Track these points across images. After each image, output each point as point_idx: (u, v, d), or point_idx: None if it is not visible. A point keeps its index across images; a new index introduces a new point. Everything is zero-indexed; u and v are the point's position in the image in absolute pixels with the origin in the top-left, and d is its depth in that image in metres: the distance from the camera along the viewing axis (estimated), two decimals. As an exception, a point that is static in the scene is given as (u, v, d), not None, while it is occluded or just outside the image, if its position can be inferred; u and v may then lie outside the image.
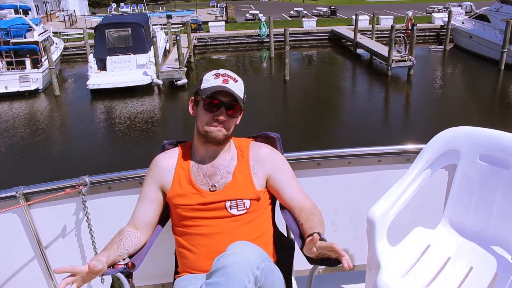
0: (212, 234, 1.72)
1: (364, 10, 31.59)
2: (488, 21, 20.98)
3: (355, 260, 2.42)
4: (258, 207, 1.78)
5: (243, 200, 1.75)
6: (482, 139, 1.98)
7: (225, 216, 1.73)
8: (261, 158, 1.84)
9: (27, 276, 2.27)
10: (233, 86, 1.73)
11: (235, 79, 1.77)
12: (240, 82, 1.77)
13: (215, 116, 1.72)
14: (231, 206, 1.73)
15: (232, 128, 1.79)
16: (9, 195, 2.07)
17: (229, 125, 1.76)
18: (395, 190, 1.93)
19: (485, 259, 1.91)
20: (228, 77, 1.75)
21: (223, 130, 1.73)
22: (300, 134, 11.87)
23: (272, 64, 22.67)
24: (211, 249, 1.69)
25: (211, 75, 1.75)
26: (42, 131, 14.00)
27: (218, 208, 1.73)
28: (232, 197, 1.74)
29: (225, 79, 1.74)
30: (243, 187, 1.76)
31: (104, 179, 2.15)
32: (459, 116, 13.28)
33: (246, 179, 1.78)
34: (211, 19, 32.53)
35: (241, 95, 1.75)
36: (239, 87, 1.75)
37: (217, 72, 1.77)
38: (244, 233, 1.71)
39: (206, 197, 1.74)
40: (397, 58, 18.39)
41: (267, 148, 1.90)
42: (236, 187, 1.76)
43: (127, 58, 17.89)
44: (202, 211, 1.74)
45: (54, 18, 38.59)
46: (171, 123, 14.93)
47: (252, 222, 1.75)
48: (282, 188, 1.82)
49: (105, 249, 1.63)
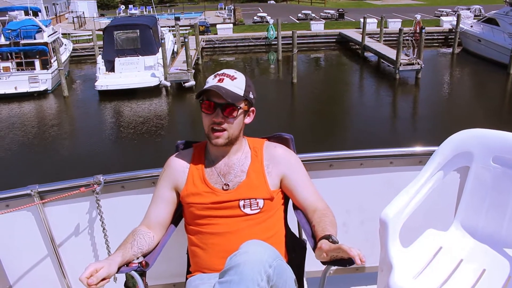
0: (225, 233, 1.72)
1: (372, 13, 31.56)
2: (497, 25, 20.86)
3: (367, 261, 2.42)
4: (271, 207, 1.78)
5: (257, 200, 1.74)
6: (495, 142, 1.97)
7: (238, 215, 1.73)
8: (276, 158, 1.83)
9: (40, 273, 2.30)
10: (228, 84, 1.68)
11: (233, 76, 1.71)
12: (239, 80, 1.71)
13: (212, 118, 1.69)
14: (245, 205, 1.73)
15: (238, 129, 1.75)
16: (24, 193, 2.10)
17: (230, 126, 1.71)
18: (408, 192, 1.93)
19: (498, 262, 1.90)
20: (224, 75, 1.71)
21: (224, 134, 1.70)
22: (308, 136, 11.85)
23: (279, 66, 22.68)
24: (224, 248, 1.69)
25: (212, 76, 1.73)
26: (51, 131, 14.11)
27: (232, 207, 1.73)
28: (246, 196, 1.74)
29: (221, 78, 1.70)
30: (257, 187, 1.76)
31: (118, 178, 2.17)
32: (467, 120, 13.20)
33: (260, 178, 1.77)
34: (219, 21, 32.62)
35: (239, 92, 1.69)
36: (236, 84, 1.70)
37: (217, 72, 1.74)
38: (256, 233, 1.71)
39: (220, 196, 1.74)
40: (405, 62, 18.33)
41: (282, 148, 1.88)
42: (249, 186, 1.75)
43: (135, 59, 17.97)
44: (216, 210, 1.74)
45: (63, 20, 38.89)
46: (179, 125, 14.98)
47: (265, 222, 1.76)
48: (296, 189, 1.82)
49: (119, 249, 1.64)
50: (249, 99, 1.73)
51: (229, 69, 1.77)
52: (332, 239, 1.53)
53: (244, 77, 1.75)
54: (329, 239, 1.53)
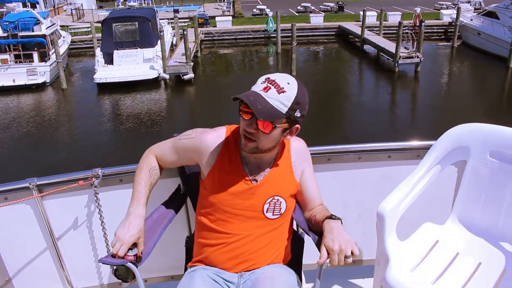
0: (239, 234, 1.70)
1: (371, 6, 31.46)
2: (497, 18, 20.80)
3: (364, 255, 2.44)
4: (290, 208, 1.77)
5: (280, 199, 1.72)
6: (493, 136, 1.98)
7: (259, 218, 1.71)
8: (300, 153, 1.80)
9: (39, 266, 2.31)
10: (272, 95, 1.51)
11: (282, 88, 1.52)
12: (287, 94, 1.51)
13: (246, 126, 1.58)
14: (268, 209, 1.71)
15: (271, 143, 1.63)
16: (23, 186, 2.10)
17: (262, 140, 1.59)
18: (405, 186, 1.95)
19: (493, 255, 1.92)
20: (273, 84, 1.53)
21: (253, 144, 1.60)
22: (307, 129, 11.80)
23: (279, 59, 22.63)
24: (235, 249, 1.69)
25: (263, 78, 1.57)
26: (49, 124, 14.09)
27: (255, 209, 1.71)
28: (272, 193, 1.71)
29: (267, 87, 1.52)
30: (284, 183, 1.74)
31: (116, 172, 2.18)
32: (466, 113, 13.22)
33: (287, 174, 1.76)
34: (218, 13, 32.47)
35: (281, 108, 1.52)
36: (281, 99, 1.51)
37: (270, 76, 1.56)
38: (269, 241, 1.72)
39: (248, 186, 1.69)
40: (405, 55, 18.31)
41: (302, 142, 1.85)
42: (276, 183, 1.72)
43: (134, 52, 17.91)
44: (239, 208, 1.70)
45: (61, 12, 38.69)
46: (178, 118, 14.97)
47: (280, 227, 1.76)
48: (308, 186, 1.81)
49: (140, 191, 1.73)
50: (293, 117, 1.56)
51: (285, 74, 1.58)
52: (334, 217, 1.62)
53: (297, 91, 1.54)
54: (331, 217, 1.61)
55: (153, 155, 1.83)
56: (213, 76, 19.86)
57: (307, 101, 1.58)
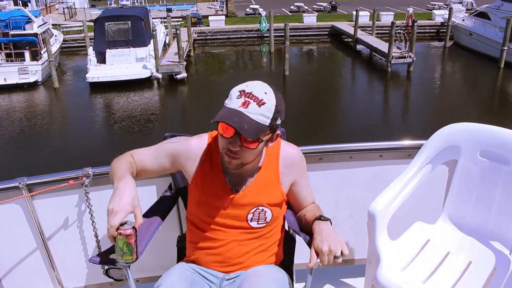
0: (224, 240, 1.67)
1: (364, 6, 31.52)
2: (489, 19, 20.93)
3: (355, 254, 2.45)
4: (276, 218, 1.74)
5: (265, 209, 1.67)
6: (483, 135, 1.99)
7: (243, 227, 1.68)
8: (293, 165, 1.73)
9: (29, 266, 2.29)
10: (253, 111, 1.44)
11: (261, 101, 1.45)
12: (268, 105, 1.45)
13: (228, 144, 1.51)
14: (252, 218, 1.67)
15: (255, 155, 1.59)
16: (12, 185, 2.08)
17: (247, 156, 1.54)
18: (396, 185, 1.95)
19: (483, 254, 1.93)
20: (251, 97, 1.44)
21: (238, 161, 1.55)
22: (299, 129, 11.86)
23: (272, 59, 22.63)
24: (221, 254, 1.68)
25: (237, 91, 1.48)
26: (41, 123, 14.00)
27: (239, 219, 1.67)
28: (256, 202, 1.66)
29: (246, 101, 1.44)
30: (269, 193, 1.68)
31: (107, 171, 2.15)
32: (458, 113, 13.30)
33: (273, 185, 1.69)
34: (211, 13, 32.39)
35: (265, 121, 1.46)
36: (263, 112, 1.45)
37: (244, 88, 1.47)
38: (258, 245, 1.71)
39: (230, 198, 1.65)
40: (397, 55, 18.38)
41: (296, 150, 1.76)
42: (261, 192, 1.67)
43: (127, 51, 17.82)
44: (222, 218, 1.66)
45: (53, 10, 38.40)
46: (170, 117, 14.93)
47: (268, 233, 1.73)
48: (301, 194, 1.78)
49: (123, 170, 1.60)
50: (275, 126, 1.50)
51: (258, 83, 1.51)
52: (323, 218, 1.60)
53: (275, 99, 1.49)
54: (321, 218, 1.60)
55: (130, 156, 1.72)
56: (206, 75, 19.82)
57: (283, 105, 1.53)
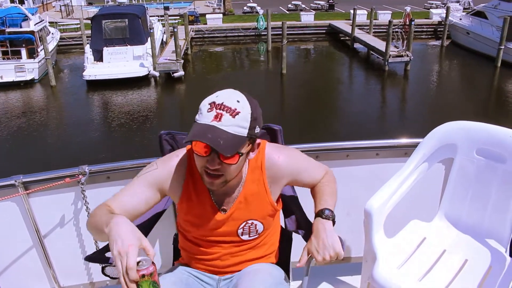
0: (218, 253, 1.63)
1: (362, 5, 31.50)
2: (486, 18, 20.97)
3: (352, 252, 2.45)
4: (269, 227, 1.68)
5: (255, 222, 1.59)
6: (479, 134, 2.00)
7: (235, 241, 1.62)
8: (278, 172, 1.58)
9: (26, 264, 2.28)
10: (228, 122, 1.31)
11: (235, 110, 1.32)
12: (243, 114, 1.33)
13: (206, 163, 1.38)
14: (243, 232, 1.60)
15: (238, 170, 1.46)
16: (8, 183, 2.07)
17: (229, 171, 1.41)
18: (392, 183, 1.96)
19: (479, 252, 1.94)
20: (223, 108, 1.32)
21: (220, 179, 1.42)
22: (297, 127, 11.87)
23: (269, 57, 22.59)
24: (214, 265, 1.65)
25: (207, 104, 1.35)
26: (37, 121, 13.94)
27: (230, 235, 1.60)
28: (245, 218, 1.58)
29: (218, 114, 1.31)
30: (258, 207, 1.58)
31: (103, 169, 2.16)
32: (455, 112, 13.33)
33: (261, 198, 1.58)
34: (209, 11, 32.34)
35: (242, 132, 1.34)
36: (239, 122, 1.33)
37: (214, 99, 1.34)
38: (252, 255, 1.68)
39: (218, 218, 1.56)
40: (394, 53, 18.38)
41: (283, 156, 1.60)
42: (249, 208, 1.57)
43: (124, 49, 17.77)
44: (213, 236, 1.60)
45: (50, 8, 38.27)
46: (168, 115, 14.90)
47: (261, 242, 1.68)
48: (303, 181, 1.69)
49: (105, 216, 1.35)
50: (254, 135, 1.39)
51: (229, 91, 1.39)
52: (325, 216, 1.57)
53: (249, 105, 1.36)
54: (322, 216, 1.57)
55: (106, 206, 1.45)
56: (203, 73, 19.78)
57: (260, 111, 1.41)
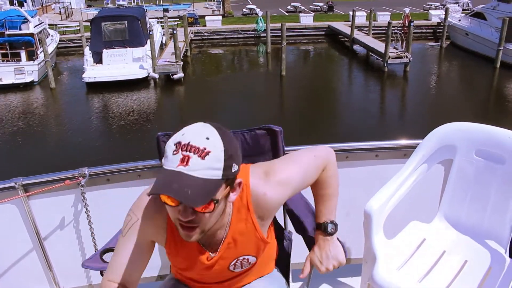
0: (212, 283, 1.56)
1: (361, 6, 31.57)
2: (485, 19, 21.00)
3: (352, 253, 2.45)
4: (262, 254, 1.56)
5: (246, 257, 1.50)
6: (478, 135, 2.00)
7: (227, 274, 1.54)
8: (267, 208, 1.43)
9: (26, 266, 2.28)
10: (197, 166, 1.11)
11: (204, 150, 1.12)
12: (214, 153, 1.13)
13: (178, 215, 1.20)
14: (235, 266, 1.50)
15: (216, 218, 1.28)
16: (8, 185, 2.08)
17: (205, 222, 1.23)
18: (392, 184, 1.96)
19: (479, 253, 1.94)
20: (189, 149, 1.12)
21: (196, 231, 1.24)
22: (297, 128, 11.88)
23: (268, 59, 22.60)
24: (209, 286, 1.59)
25: (172, 145, 1.16)
26: (37, 124, 13.95)
27: (221, 272, 1.50)
28: (235, 256, 1.47)
29: (185, 156, 1.11)
30: (248, 242, 1.46)
31: (103, 171, 2.16)
32: (454, 113, 13.33)
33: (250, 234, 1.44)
34: (208, 13, 32.38)
35: (216, 175, 1.14)
36: (210, 164, 1.12)
37: (180, 139, 1.15)
38: (248, 279, 1.62)
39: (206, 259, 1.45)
40: (394, 55, 18.40)
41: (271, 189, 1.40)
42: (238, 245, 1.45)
43: (124, 51, 17.80)
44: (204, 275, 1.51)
45: (49, 10, 38.30)
46: (167, 117, 14.89)
47: (257, 265, 1.58)
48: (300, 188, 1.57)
49: None
50: (231, 175, 1.19)
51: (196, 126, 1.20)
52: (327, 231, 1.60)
53: (222, 142, 1.16)
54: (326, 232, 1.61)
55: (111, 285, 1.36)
56: (203, 75, 19.80)
57: (237, 145, 1.22)
